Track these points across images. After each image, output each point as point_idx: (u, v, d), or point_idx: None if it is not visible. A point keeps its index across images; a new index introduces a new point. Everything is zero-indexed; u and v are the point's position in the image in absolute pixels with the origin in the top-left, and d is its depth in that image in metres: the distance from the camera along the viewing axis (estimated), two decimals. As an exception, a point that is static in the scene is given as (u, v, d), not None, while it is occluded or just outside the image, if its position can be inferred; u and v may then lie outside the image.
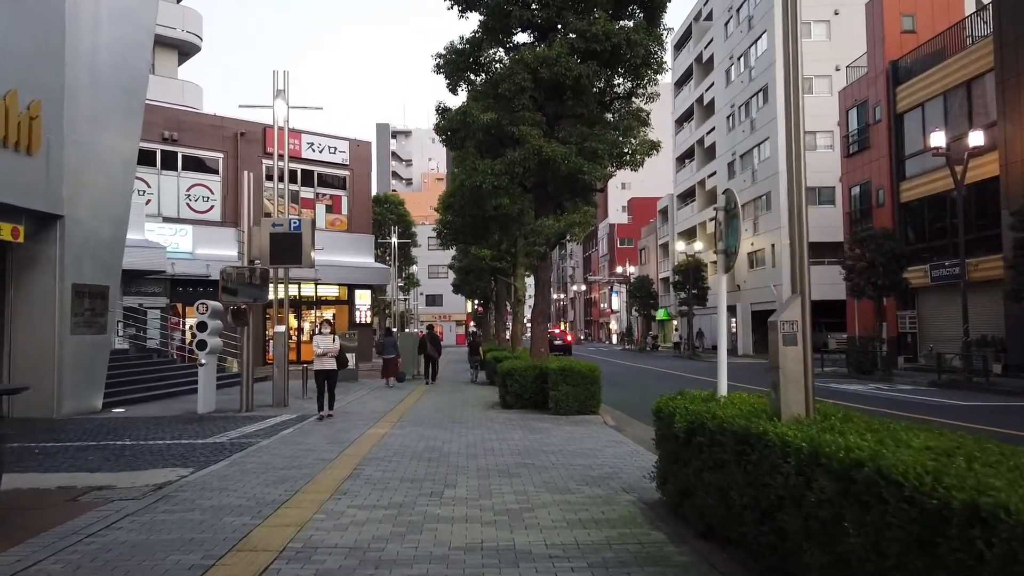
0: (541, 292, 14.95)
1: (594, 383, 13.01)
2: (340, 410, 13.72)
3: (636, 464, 8.17)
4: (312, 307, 30.89)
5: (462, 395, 17.14)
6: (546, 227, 12.75)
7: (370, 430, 10.73)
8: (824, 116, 37.20)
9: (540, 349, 14.92)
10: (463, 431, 10.67)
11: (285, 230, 13.70)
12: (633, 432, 11.37)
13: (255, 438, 9.86)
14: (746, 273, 42.62)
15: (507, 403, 13.93)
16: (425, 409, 13.93)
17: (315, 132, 30.51)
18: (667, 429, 5.49)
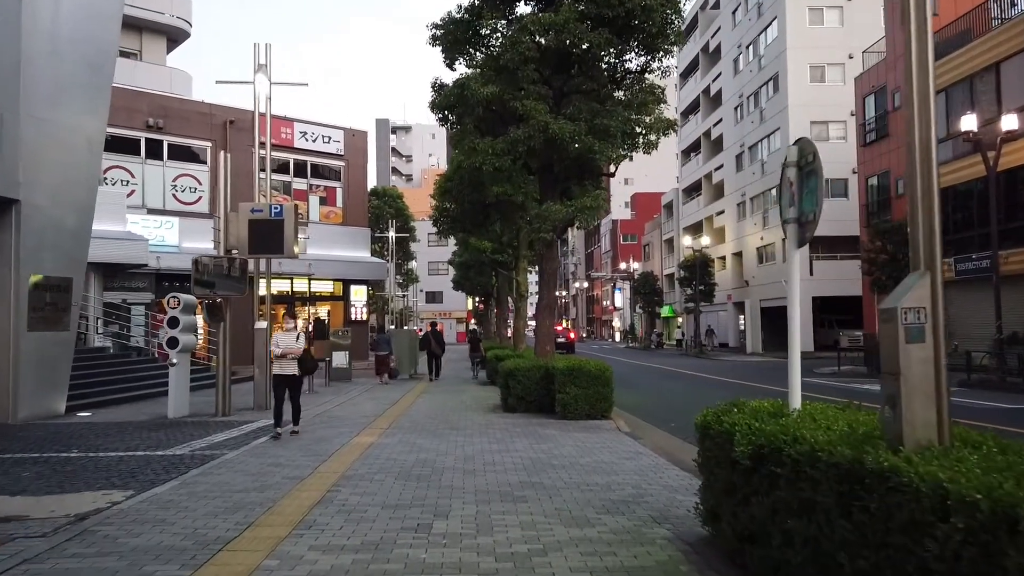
0: (546, 285, 13.70)
1: (605, 384, 11.78)
2: (325, 413, 12.49)
3: (663, 482, 6.93)
4: (306, 303, 29.64)
5: (461, 396, 15.91)
6: (553, 212, 11.51)
7: (356, 438, 9.49)
8: (836, 106, 35.95)
9: (546, 347, 13.68)
10: (460, 440, 9.42)
11: (265, 216, 12.45)
12: (651, 440, 10.14)
13: (221, 449, 8.62)
14: (755, 268, 41.33)
15: (510, 406, 12.70)
16: (420, 412, 12.69)
17: (308, 120, 29.25)
18: (718, 451, 4.25)
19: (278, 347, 9.84)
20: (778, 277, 37.42)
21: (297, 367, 9.86)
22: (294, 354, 9.80)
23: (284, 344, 9.86)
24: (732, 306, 44.98)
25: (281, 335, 10.11)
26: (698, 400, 17.02)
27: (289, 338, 9.99)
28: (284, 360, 9.78)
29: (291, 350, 9.78)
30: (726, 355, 39.57)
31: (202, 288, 12.07)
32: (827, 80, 36.80)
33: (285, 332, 10.20)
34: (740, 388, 19.29)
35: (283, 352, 9.79)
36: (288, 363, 9.78)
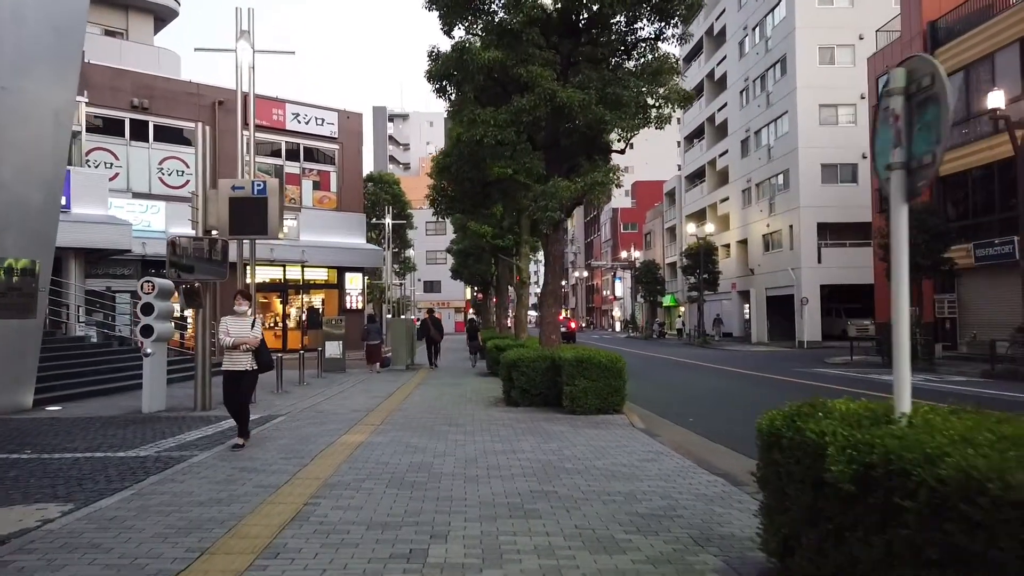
0: (552, 270, 12.73)
1: (617, 376, 10.83)
2: (313, 408, 11.54)
3: (694, 490, 6.00)
4: (299, 291, 28.67)
5: (460, 388, 14.97)
6: (560, 189, 10.52)
7: (344, 437, 8.54)
8: (846, 88, 34.93)
9: (551, 336, 12.73)
10: (460, 438, 8.48)
11: (247, 194, 11.46)
12: (670, 438, 9.21)
13: (191, 450, 7.67)
14: (760, 256, 40.37)
15: (512, 399, 11.77)
16: (416, 406, 11.75)
17: (301, 102, 28.17)
18: (797, 467, 3.29)
19: (228, 335, 7.94)
20: (785, 265, 36.54)
21: (252, 361, 8.00)
22: (249, 344, 7.93)
23: (236, 331, 7.99)
24: (736, 295, 44.05)
25: (232, 320, 8.12)
26: (714, 392, 16.23)
27: (242, 324, 8.09)
28: (236, 352, 7.94)
29: (244, 339, 7.92)
30: (731, 344, 38.68)
31: (179, 272, 11.08)
32: (836, 62, 35.72)
33: (237, 317, 8.18)
34: (755, 379, 18.39)
35: (235, 342, 7.91)
36: (241, 356, 7.95)
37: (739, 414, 12.10)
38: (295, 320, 28.52)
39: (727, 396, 15.03)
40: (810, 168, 35.11)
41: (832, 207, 34.87)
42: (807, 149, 35.04)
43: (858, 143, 34.41)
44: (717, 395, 15.26)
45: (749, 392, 15.67)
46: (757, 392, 15.60)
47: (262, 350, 8.13)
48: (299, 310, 28.61)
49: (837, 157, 35.18)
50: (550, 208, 10.66)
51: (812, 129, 35.16)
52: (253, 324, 8.16)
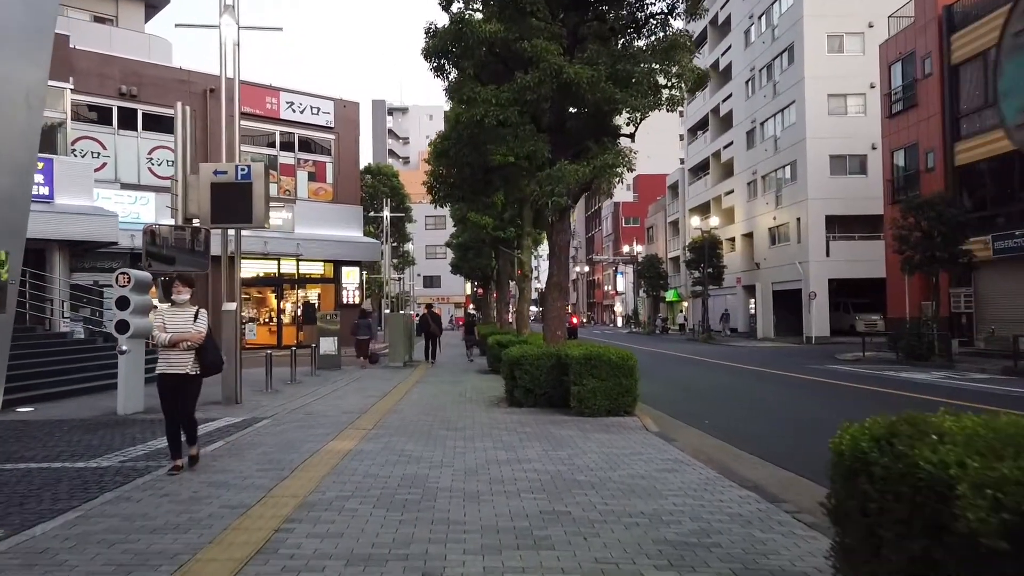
0: (557, 261, 11.94)
1: (629, 376, 10.07)
2: (303, 409, 10.77)
3: (726, 509, 5.23)
4: (295, 286, 27.89)
5: (460, 386, 14.20)
6: (568, 173, 9.73)
7: (331, 443, 7.76)
8: (855, 77, 34.07)
9: (556, 332, 11.95)
10: (460, 444, 7.71)
11: (230, 179, 10.66)
12: (688, 443, 8.44)
13: (159, 459, 6.89)
14: (766, 250, 39.56)
15: (516, 400, 11.00)
16: (412, 407, 10.98)
17: (295, 90, 27.34)
18: (897, 504, 2.50)
19: (165, 331, 6.31)
20: (792, 259, 35.76)
21: (195, 363, 6.37)
22: (190, 342, 6.29)
23: (174, 325, 6.33)
24: (741, 289, 43.26)
25: (168, 312, 6.47)
26: (725, 390, 15.23)
27: (181, 317, 6.39)
28: (174, 352, 6.29)
29: (185, 335, 6.28)
30: (736, 340, 37.91)
31: (157, 263, 10.31)
32: (846, 50, 34.84)
33: (175, 308, 6.49)
34: (767, 376, 17.61)
35: (172, 339, 6.26)
36: (180, 356, 6.29)
37: (756, 414, 11.35)
38: (290, 315, 27.74)
39: (741, 395, 14.26)
40: (818, 159, 34.28)
41: (840, 199, 34.04)
42: (815, 140, 34.20)
43: (868, 133, 33.54)
44: (729, 393, 14.49)
45: (763, 390, 14.91)
46: (771, 390, 14.84)
47: (208, 348, 6.43)
48: (294, 305, 27.83)
49: (846, 148, 34.34)
50: (556, 193, 9.87)
51: (820, 119, 34.32)
52: (196, 316, 6.42)
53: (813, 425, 10.10)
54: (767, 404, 12.70)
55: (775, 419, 10.87)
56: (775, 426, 10.16)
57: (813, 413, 11.36)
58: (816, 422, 10.36)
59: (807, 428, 9.89)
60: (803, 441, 8.88)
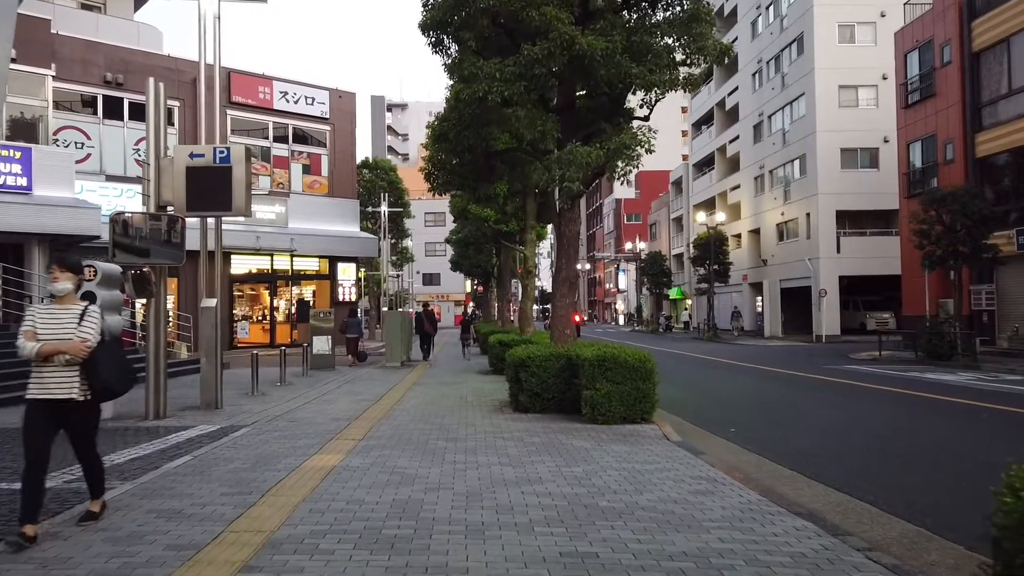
0: (565, 254, 10.98)
1: (647, 379, 9.13)
2: (288, 415, 9.82)
3: (783, 544, 4.31)
4: (289, 282, 26.92)
5: (460, 389, 13.26)
6: (580, 155, 8.77)
7: (314, 458, 6.81)
8: (867, 68, 33.10)
9: (565, 331, 10.99)
10: (460, 459, 6.76)
11: (207, 162, 9.70)
12: (717, 456, 7.51)
13: (113, 478, 5.93)
14: (774, 246, 38.59)
15: (521, 404, 10.05)
16: (409, 413, 10.03)
17: (289, 79, 26.35)
18: None
19: (35, 339, 4.35)
20: (801, 255, 34.81)
21: (83, 384, 4.44)
22: (72, 354, 4.36)
23: (49, 330, 4.40)
24: (748, 287, 42.29)
25: (41, 311, 4.52)
26: (744, 392, 13.85)
27: (60, 319, 4.47)
28: (48, 368, 4.37)
29: (61, 346, 4.36)
30: (742, 339, 36.94)
31: (126, 254, 9.35)
32: (857, 40, 33.85)
33: (51, 304, 4.60)
34: (785, 377, 16.62)
35: (42, 351, 4.33)
36: (59, 375, 4.38)
37: (784, 420, 10.37)
38: (284, 313, 26.79)
39: (762, 398, 13.31)
40: (828, 153, 33.31)
41: (852, 194, 33.08)
42: (825, 133, 33.23)
43: (879, 126, 32.60)
44: (749, 396, 13.53)
45: (784, 393, 13.94)
46: (793, 393, 13.88)
47: (99, 362, 4.44)
48: (288, 303, 26.87)
49: (857, 141, 33.37)
50: (568, 178, 8.90)
51: (831, 112, 33.34)
52: (83, 317, 4.48)
53: (853, 435, 9.15)
54: (793, 409, 11.75)
55: (807, 426, 9.91)
56: (809, 435, 9.21)
57: (848, 420, 10.41)
58: (854, 431, 9.41)
59: (847, 438, 8.94)
60: (847, 454, 7.93)
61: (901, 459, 7.65)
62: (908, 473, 7.04)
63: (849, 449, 8.19)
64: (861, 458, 7.69)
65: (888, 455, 7.87)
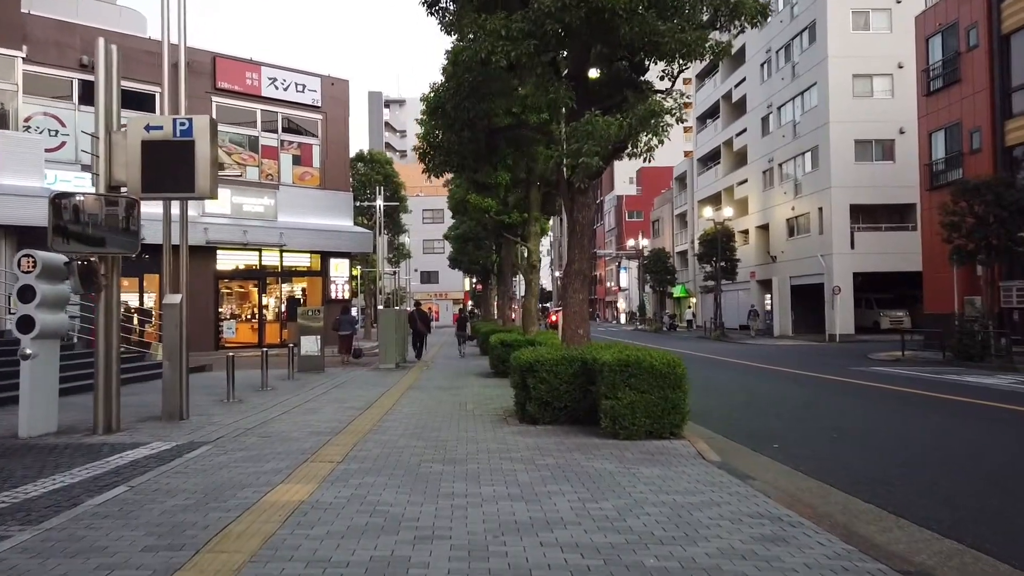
0: (579, 244, 9.67)
1: (676, 387, 7.85)
2: (261, 427, 8.49)
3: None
4: (279, 279, 25.59)
5: (459, 394, 11.95)
6: (601, 126, 7.49)
7: (278, 489, 5.51)
8: (882, 57, 31.83)
9: (578, 330, 9.69)
10: (460, 489, 5.46)
11: (166, 135, 8.38)
12: (766, 479, 6.26)
13: (16, 519, 4.62)
14: (784, 242, 37.31)
15: (529, 415, 8.77)
16: (401, 425, 8.72)
17: (278, 65, 25.02)
18: None
19: None
20: (812, 251, 33.53)
21: None
22: None
23: None
24: (756, 284, 41.01)
25: None
26: (771, 397, 12.28)
27: None
28: None
29: None
30: (750, 338, 35.67)
31: (69, 242, 8.03)
32: (872, 27, 32.56)
33: None
34: (810, 380, 15.28)
35: None
36: None
37: (827, 432, 9.00)
38: (273, 312, 25.47)
39: (794, 404, 12.01)
40: (842, 145, 32.01)
41: (866, 187, 31.79)
42: (839, 124, 31.93)
43: (895, 117, 31.33)
44: (780, 403, 12.23)
45: (817, 398, 12.63)
46: (826, 398, 12.56)
47: None
48: (278, 300, 25.55)
49: (872, 132, 32.08)
50: (586, 152, 7.60)
51: (844, 102, 32.05)
52: None
53: (920, 452, 7.85)
54: (833, 418, 10.44)
55: (859, 441, 8.61)
56: (867, 453, 7.90)
57: (906, 433, 9.11)
58: (915, 446, 8.11)
59: (915, 457, 7.63)
60: (926, 479, 6.62)
61: (1002, 488, 6.33)
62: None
63: (925, 472, 6.89)
64: (949, 485, 6.38)
65: (977, 479, 6.56)
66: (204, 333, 22.66)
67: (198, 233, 22.31)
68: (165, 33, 10.54)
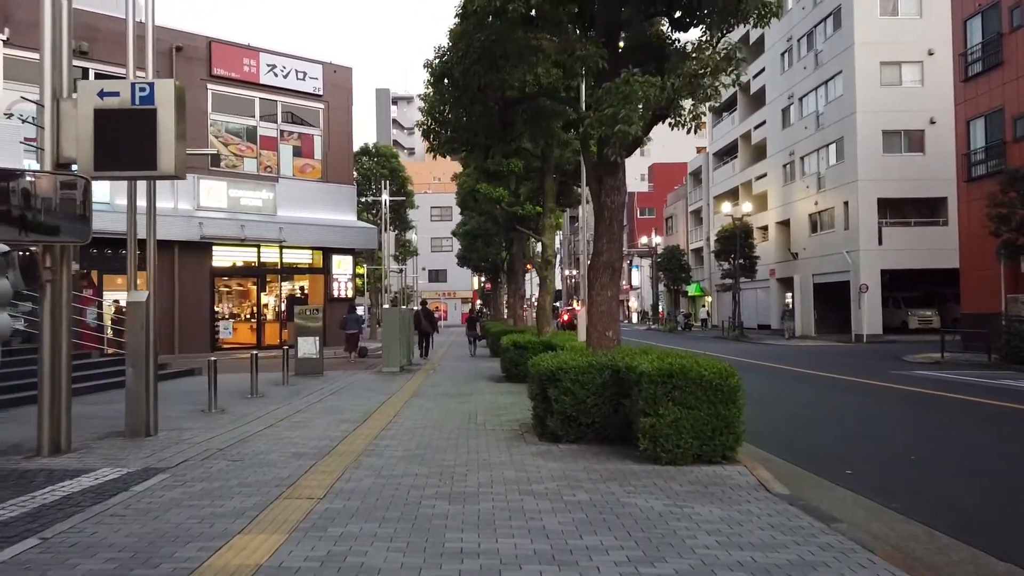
0: (608, 231, 8.36)
1: (730, 401, 6.54)
2: (236, 447, 7.21)
3: None
4: (278, 276, 24.36)
5: (468, 403, 10.66)
6: (640, 86, 6.18)
7: (233, 543, 4.22)
8: (912, 43, 30.31)
9: (607, 332, 8.38)
10: (470, 542, 4.16)
11: (123, 103, 7.12)
12: (853, 519, 5.00)
13: None
14: (806, 238, 35.83)
15: (549, 430, 7.48)
16: (401, 444, 7.43)
17: (278, 52, 23.78)
18: None
19: None
20: (837, 248, 32.06)
21: None
22: None
23: None
24: (775, 282, 39.54)
25: None
26: (818, 407, 10.70)
27: None
28: None
29: None
30: (771, 338, 34.23)
31: (35, 234, 6.78)
32: (900, 12, 31.05)
33: None
34: (854, 386, 13.81)
35: None
36: None
37: (905, 453, 7.58)
38: (273, 311, 24.25)
39: (846, 414, 10.60)
40: (869, 136, 30.51)
41: (894, 180, 30.27)
42: (866, 114, 30.43)
43: (926, 106, 29.83)
44: (831, 414, 10.86)
45: (871, 409, 11.18)
46: (881, 408, 11.11)
47: None
48: (278, 299, 24.33)
49: (901, 123, 30.56)
50: (623, 119, 6.29)
51: (871, 91, 30.55)
52: None
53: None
54: (901, 435, 9.07)
55: (948, 466, 7.24)
56: (966, 482, 6.55)
57: (1006, 454, 7.75)
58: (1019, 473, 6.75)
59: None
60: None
61: None
62: None
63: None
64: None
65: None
66: (199, 334, 21.49)
67: (193, 228, 21.12)
68: (150, 15, 9.26)
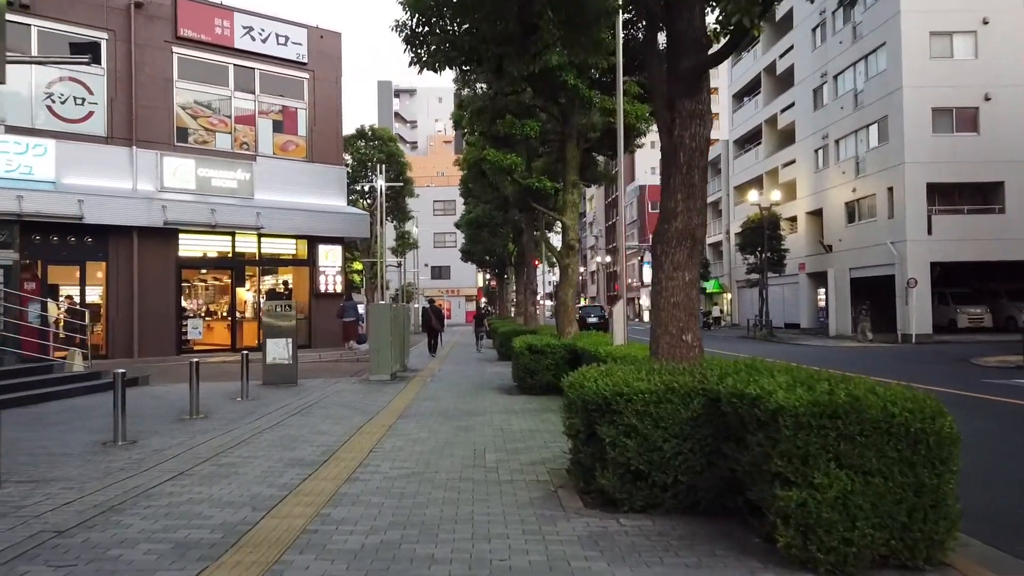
0: (685, 182, 5.52)
1: (939, 460, 3.66)
2: (141, 502, 4.39)
3: None
4: (258, 267, 21.58)
5: (473, 429, 7.81)
6: None
7: None
8: (963, 11, 27.36)
9: (683, 337, 5.53)
10: None
11: None
12: None
13: None
14: (841, 229, 32.90)
15: (602, 490, 4.68)
16: (364, 515, 4.57)
17: (255, 12, 20.96)
18: None
19: None
20: (877, 239, 29.14)
21: None
22: None
23: None
24: (805, 277, 36.63)
25: None
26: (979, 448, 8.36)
27: None
28: None
29: None
30: (803, 338, 31.33)
31: None
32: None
33: None
34: (965, 402, 10.87)
35: None
36: None
37: None
38: (252, 308, 21.46)
39: (991, 447, 7.65)
40: (917, 114, 27.56)
41: (945, 163, 27.33)
42: (913, 89, 27.48)
43: (980, 81, 26.91)
44: (983, 446, 7.93)
45: (1020, 437, 8.26)
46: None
47: None
48: (256, 295, 21.54)
49: (952, 100, 27.61)
50: None
51: (920, 64, 27.61)
52: None
53: None
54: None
55: None
56: None
57: None
58: None
59: None
60: None
61: None
62: None
63: None
64: None
65: None
66: (162, 334, 18.73)
67: (155, 212, 18.37)
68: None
